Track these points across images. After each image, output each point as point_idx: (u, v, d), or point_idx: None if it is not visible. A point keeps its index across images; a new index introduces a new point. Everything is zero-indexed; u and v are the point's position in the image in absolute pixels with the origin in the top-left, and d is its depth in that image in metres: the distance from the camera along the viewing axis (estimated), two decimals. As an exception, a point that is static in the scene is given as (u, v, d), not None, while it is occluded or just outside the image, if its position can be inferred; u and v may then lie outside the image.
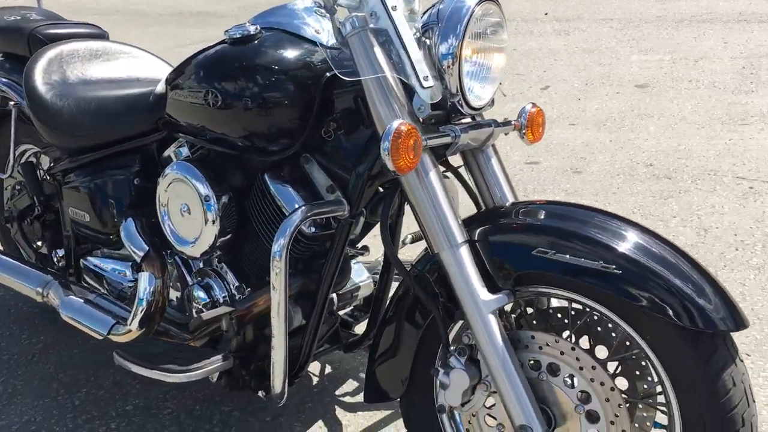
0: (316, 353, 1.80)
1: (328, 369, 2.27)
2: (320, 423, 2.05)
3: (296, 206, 1.62)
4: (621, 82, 4.58)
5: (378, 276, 1.99)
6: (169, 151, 1.95)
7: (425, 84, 1.38)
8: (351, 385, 2.19)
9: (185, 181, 1.72)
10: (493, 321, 1.38)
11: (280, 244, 1.48)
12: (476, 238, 1.43)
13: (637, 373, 1.44)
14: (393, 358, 1.60)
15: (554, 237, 1.37)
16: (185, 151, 1.90)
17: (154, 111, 1.93)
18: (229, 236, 1.73)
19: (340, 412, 2.08)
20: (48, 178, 2.30)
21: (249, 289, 1.79)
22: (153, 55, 2.41)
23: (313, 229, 1.64)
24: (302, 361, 1.73)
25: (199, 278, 1.86)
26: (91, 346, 2.50)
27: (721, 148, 3.53)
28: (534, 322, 1.46)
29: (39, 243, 2.57)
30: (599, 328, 1.45)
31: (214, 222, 1.69)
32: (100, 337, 1.92)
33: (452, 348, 1.47)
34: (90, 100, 2.08)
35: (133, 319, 1.83)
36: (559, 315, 1.47)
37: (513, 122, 1.61)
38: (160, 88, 1.90)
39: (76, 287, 2.12)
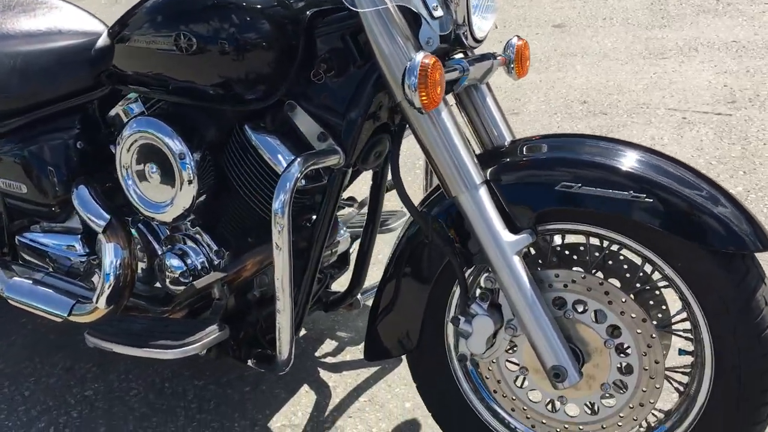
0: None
1: (302, 331, 2.17)
2: (305, 387, 1.95)
3: (287, 159, 1.49)
4: (538, 23, 4.60)
5: (354, 230, 1.90)
6: (117, 109, 1.75)
7: (435, 14, 1.28)
8: (330, 345, 2.10)
9: (153, 139, 1.54)
10: (518, 262, 1.32)
11: (281, 201, 1.36)
12: (492, 179, 1.36)
13: (651, 303, 1.43)
14: (398, 314, 1.51)
15: (576, 170, 1.32)
16: (137, 107, 1.71)
17: (94, 65, 1.73)
18: (206, 196, 1.57)
19: (324, 374, 1.99)
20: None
21: (228, 252, 1.65)
22: (73, 4, 2.16)
23: (303, 182, 1.51)
24: (297, 323, 1.62)
25: (170, 245, 1.70)
26: (30, 332, 2.28)
27: (648, 81, 3.61)
28: (554, 260, 1.41)
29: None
30: (611, 262, 1.42)
31: (190, 182, 1.53)
32: (60, 320, 1.72)
33: (472, 295, 1.40)
34: (13, 56, 1.83)
35: (99, 295, 1.65)
36: (572, 251, 1.43)
37: (499, 56, 1.54)
38: (104, 38, 1.69)
39: (17, 267, 1.89)
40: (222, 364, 2.04)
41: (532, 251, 1.45)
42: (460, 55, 1.49)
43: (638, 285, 1.39)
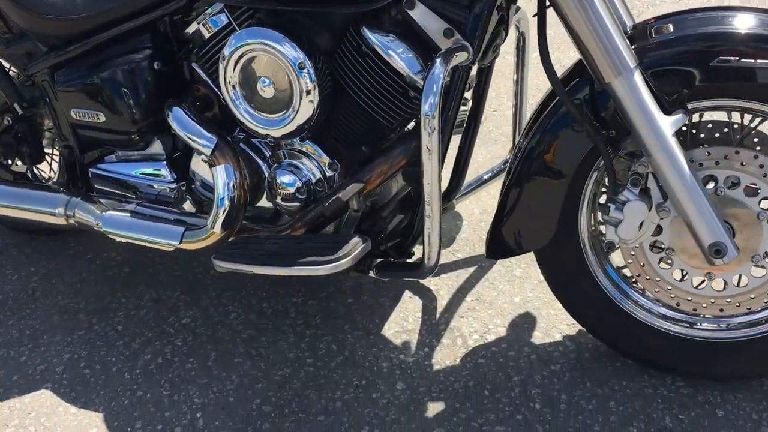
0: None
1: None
2: (408, 293, 1.96)
3: (411, 59, 1.45)
4: None
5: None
6: (197, 24, 1.65)
7: None
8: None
9: (266, 50, 1.46)
10: (674, 143, 1.32)
11: (431, 103, 1.31)
12: (641, 61, 1.33)
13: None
14: (531, 208, 1.50)
15: (728, 43, 1.30)
16: (222, 19, 1.61)
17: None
18: (322, 107, 1.51)
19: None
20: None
21: (341, 164, 1.61)
22: None
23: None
24: (418, 230, 1.61)
25: (277, 162, 1.64)
26: (99, 267, 2.22)
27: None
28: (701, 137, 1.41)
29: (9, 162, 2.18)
30: (756, 139, 1.42)
31: (309, 92, 1.47)
32: (171, 249, 1.68)
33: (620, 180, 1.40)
34: (75, -26, 1.71)
35: (215, 219, 1.60)
36: (714, 128, 1.43)
37: None
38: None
39: (105, 200, 1.82)
40: (313, 280, 2.03)
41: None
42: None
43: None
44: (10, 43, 1.89)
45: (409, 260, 1.58)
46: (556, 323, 1.80)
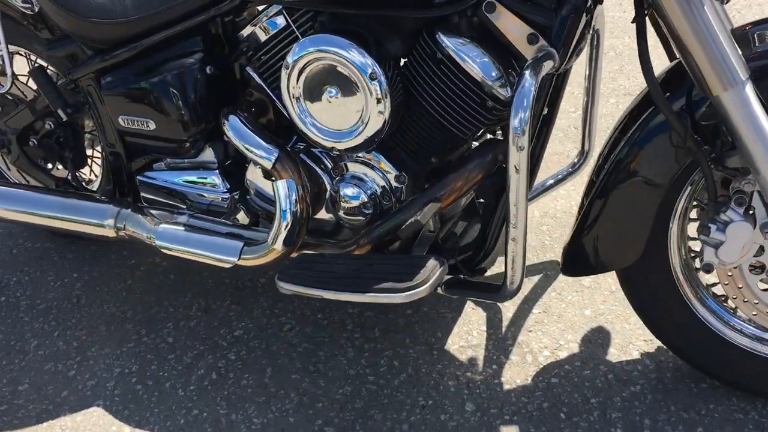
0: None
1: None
2: (470, 305, 1.87)
3: (490, 67, 1.34)
4: None
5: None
6: (254, 26, 1.55)
7: None
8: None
9: (335, 59, 1.36)
10: (787, 161, 1.21)
11: (521, 119, 1.21)
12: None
13: None
14: (618, 224, 1.40)
15: None
16: (280, 21, 1.51)
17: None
18: (395, 117, 1.41)
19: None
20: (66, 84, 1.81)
21: (408, 176, 1.51)
22: None
23: (508, 91, 1.36)
24: (491, 246, 1.51)
25: (339, 174, 1.55)
26: (145, 274, 2.15)
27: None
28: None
29: (50, 166, 2.10)
30: None
31: (381, 102, 1.36)
32: (229, 265, 1.59)
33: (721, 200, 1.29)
34: (122, -26, 1.60)
35: (276, 235, 1.51)
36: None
37: None
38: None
39: (155, 211, 1.73)
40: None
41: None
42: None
43: None
44: (52, 45, 1.80)
45: (485, 280, 1.48)
46: (632, 339, 1.71)
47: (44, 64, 1.89)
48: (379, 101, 1.36)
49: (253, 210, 1.70)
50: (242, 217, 1.73)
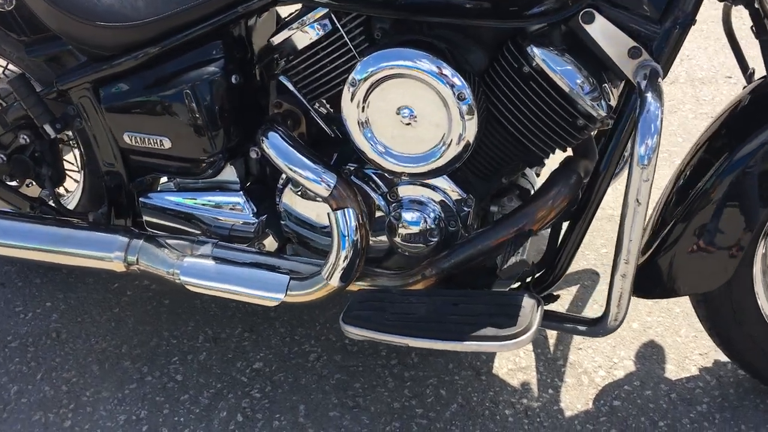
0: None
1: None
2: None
3: (587, 82, 1.22)
4: None
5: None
6: (291, 32, 1.35)
7: None
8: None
9: (418, 75, 1.19)
10: None
11: (648, 145, 1.09)
12: None
13: None
14: (709, 245, 1.31)
15: None
16: (323, 26, 1.32)
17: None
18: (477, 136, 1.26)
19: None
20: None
21: (475, 198, 1.37)
22: None
23: (603, 109, 1.24)
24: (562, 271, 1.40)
25: (396, 198, 1.39)
26: (133, 300, 1.92)
27: None
28: None
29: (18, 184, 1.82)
30: None
31: (468, 122, 1.21)
32: (274, 303, 1.40)
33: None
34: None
35: (332, 270, 1.34)
36: None
37: None
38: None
39: (172, 240, 1.52)
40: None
41: None
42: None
43: None
44: (32, 49, 1.53)
45: (575, 312, 1.37)
46: (686, 353, 1.65)
47: (17, 70, 1.61)
48: (464, 122, 1.21)
49: (286, 235, 1.52)
50: (270, 242, 1.55)
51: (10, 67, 1.70)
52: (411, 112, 1.23)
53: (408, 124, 1.23)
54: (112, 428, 1.59)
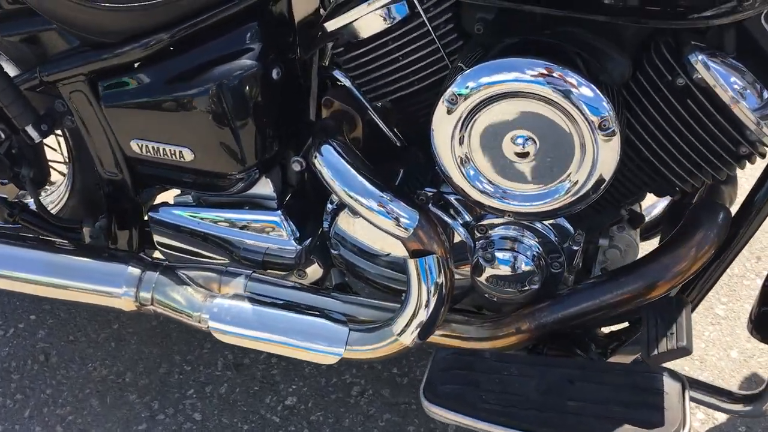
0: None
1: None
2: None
3: (760, 96, 0.92)
4: None
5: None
6: (351, 15, 1.02)
7: None
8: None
9: (551, 94, 0.88)
10: None
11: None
12: None
13: None
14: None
15: None
16: (399, 11, 1.00)
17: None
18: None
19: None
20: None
21: (583, 235, 1.09)
22: None
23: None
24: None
25: (484, 235, 1.10)
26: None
27: None
28: None
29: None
30: None
31: (608, 153, 0.91)
32: (331, 361, 1.12)
33: None
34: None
35: (406, 325, 1.06)
36: None
37: None
38: None
39: (194, 272, 1.21)
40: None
41: None
42: None
43: None
44: (2, 24, 1.18)
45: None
46: (796, 390, 1.42)
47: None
48: (602, 152, 0.91)
49: (337, 266, 1.24)
50: (313, 270, 1.26)
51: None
52: (525, 138, 0.92)
53: (523, 154, 0.93)
54: (123, 482, 1.33)
